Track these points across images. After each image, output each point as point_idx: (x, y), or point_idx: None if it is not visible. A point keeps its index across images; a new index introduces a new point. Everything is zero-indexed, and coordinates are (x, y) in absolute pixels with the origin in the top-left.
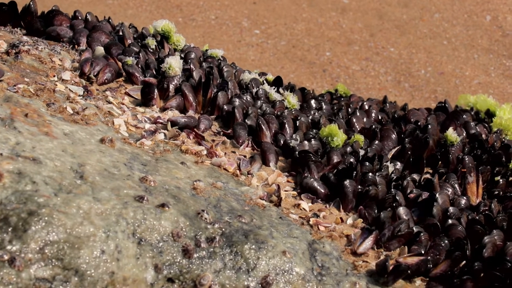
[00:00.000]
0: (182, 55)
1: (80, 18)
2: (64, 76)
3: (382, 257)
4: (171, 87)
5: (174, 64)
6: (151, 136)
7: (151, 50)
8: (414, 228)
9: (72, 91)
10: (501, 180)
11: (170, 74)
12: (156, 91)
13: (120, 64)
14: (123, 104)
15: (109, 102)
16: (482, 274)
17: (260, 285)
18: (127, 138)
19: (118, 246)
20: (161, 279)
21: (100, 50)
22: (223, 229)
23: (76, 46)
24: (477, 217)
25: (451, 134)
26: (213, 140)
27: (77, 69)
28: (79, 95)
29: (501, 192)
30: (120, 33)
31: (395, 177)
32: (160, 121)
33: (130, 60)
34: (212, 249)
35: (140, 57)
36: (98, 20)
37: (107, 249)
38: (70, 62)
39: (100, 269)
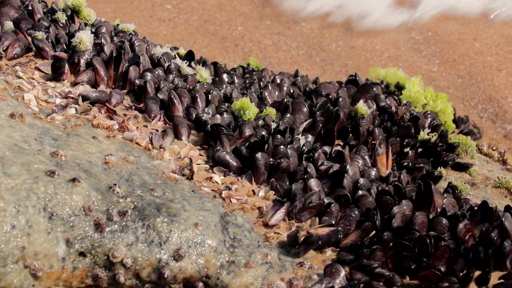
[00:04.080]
0: (93, 30)
1: None
2: None
3: (293, 229)
4: (82, 61)
5: (84, 38)
6: (62, 111)
7: (61, 25)
8: (325, 200)
9: None
10: (410, 152)
11: (81, 48)
12: (66, 65)
13: (29, 39)
14: (33, 79)
15: (19, 77)
16: (391, 244)
17: (172, 258)
18: (37, 113)
19: (29, 221)
20: (73, 253)
21: (9, 25)
22: (135, 203)
23: None
24: (386, 188)
25: (362, 106)
26: (125, 115)
27: None
28: None
29: (410, 163)
30: (30, 8)
31: (306, 149)
32: (71, 95)
33: (40, 34)
34: (124, 223)
35: (50, 31)
36: None
37: (17, 224)
38: None
39: (10, 244)
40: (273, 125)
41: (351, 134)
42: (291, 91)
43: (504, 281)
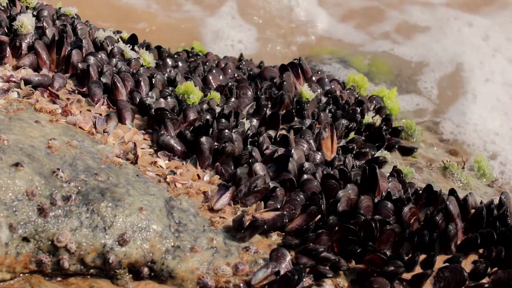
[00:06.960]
0: (35, 13)
1: None
2: None
3: (238, 213)
4: (24, 45)
5: (26, 22)
6: (4, 95)
7: (2, 8)
8: (270, 184)
9: None
10: (356, 137)
11: (23, 32)
12: (8, 49)
13: None
14: None
15: None
16: (336, 228)
17: (117, 243)
18: None
19: None
20: (16, 239)
21: None
22: (79, 188)
23: None
24: (331, 172)
25: (306, 91)
26: (68, 99)
27: None
28: None
29: (355, 147)
30: None
31: (251, 133)
32: (13, 79)
33: None
34: (68, 208)
35: None
36: None
37: None
38: None
39: None
40: (218, 109)
41: (296, 118)
42: (236, 75)
43: (449, 265)
